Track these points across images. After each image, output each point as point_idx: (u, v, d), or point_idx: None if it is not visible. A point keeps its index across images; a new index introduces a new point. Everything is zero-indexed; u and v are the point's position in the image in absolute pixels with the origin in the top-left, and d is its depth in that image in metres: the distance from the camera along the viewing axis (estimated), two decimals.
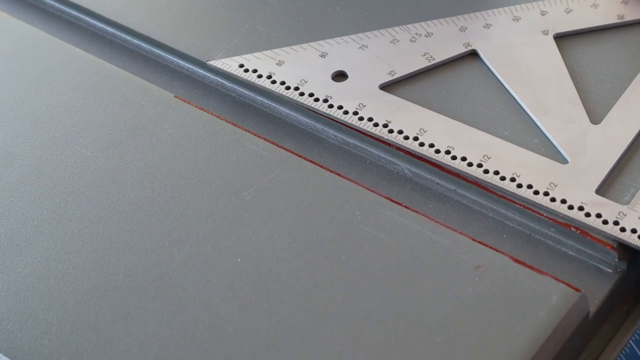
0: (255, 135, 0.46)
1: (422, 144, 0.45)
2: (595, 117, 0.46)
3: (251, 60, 0.50)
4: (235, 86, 0.49)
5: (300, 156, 0.46)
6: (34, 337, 0.40)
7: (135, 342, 0.40)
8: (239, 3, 0.53)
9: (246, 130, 0.47)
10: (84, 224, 0.44)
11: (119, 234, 0.43)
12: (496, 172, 0.44)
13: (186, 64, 0.51)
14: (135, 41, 0.52)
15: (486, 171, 0.44)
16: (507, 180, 0.44)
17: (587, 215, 0.42)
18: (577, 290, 0.40)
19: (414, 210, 0.43)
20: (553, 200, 0.43)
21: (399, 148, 0.46)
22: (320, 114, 0.47)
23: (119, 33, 0.53)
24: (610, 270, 0.42)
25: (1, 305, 0.41)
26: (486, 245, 0.41)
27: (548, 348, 0.38)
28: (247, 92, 0.49)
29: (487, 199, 0.44)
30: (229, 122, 0.47)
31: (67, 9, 0.54)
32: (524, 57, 0.49)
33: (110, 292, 0.41)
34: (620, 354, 0.42)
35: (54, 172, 0.46)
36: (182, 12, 0.53)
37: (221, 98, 0.50)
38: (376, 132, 0.46)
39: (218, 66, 0.49)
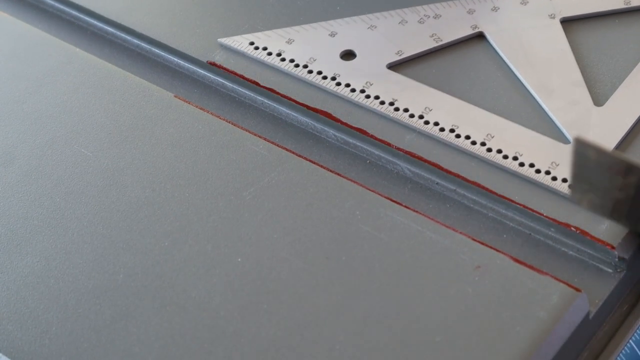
0: (255, 135, 0.46)
1: (427, 122, 0.46)
2: (598, 100, 0.47)
3: (261, 38, 0.50)
4: (235, 86, 0.50)
5: (300, 156, 0.46)
6: (34, 337, 0.40)
7: (135, 342, 0.40)
8: (239, 3, 0.53)
9: (246, 130, 0.47)
10: (84, 224, 0.44)
11: (119, 234, 0.43)
12: (499, 151, 0.45)
13: (186, 64, 0.51)
14: (135, 41, 0.52)
15: (489, 150, 0.45)
16: (510, 159, 0.45)
17: None
18: (577, 290, 0.40)
19: (414, 210, 0.43)
20: (554, 179, 0.44)
21: (399, 148, 0.46)
22: (328, 92, 0.48)
23: (119, 33, 0.53)
24: (610, 270, 0.42)
25: (1, 305, 0.41)
26: (486, 245, 0.41)
27: (548, 348, 0.38)
28: (247, 92, 0.49)
29: (487, 198, 0.44)
30: (229, 122, 0.47)
31: (67, 9, 0.54)
32: (530, 40, 0.50)
33: (110, 292, 0.41)
34: (620, 354, 0.42)
35: (54, 172, 0.46)
36: (182, 12, 0.53)
37: (221, 98, 0.50)
38: (382, 110, 0.47)
39: (229, 44, 0.50)
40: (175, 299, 0.41)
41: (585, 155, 0.38)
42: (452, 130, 0.46)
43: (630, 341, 0.42)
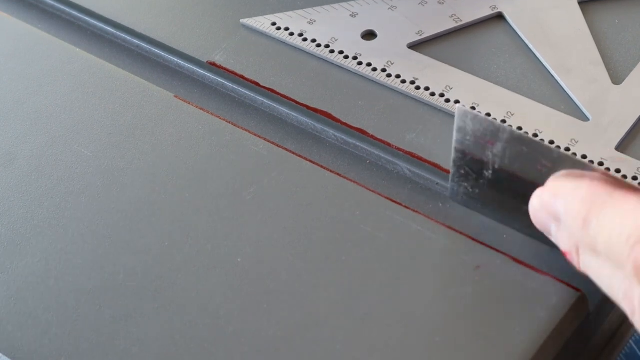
0: (255, 135, 0.46)
1: (447, 100, 0.47)
2: (616, 78, 0.48)
3: (283, 19, 0.51)
4: (235, 86, 0.50)
5: (300, 156, 0.46)
6: (34, 337, 0.40)
7: (135, 342, 0.40)
8: (239, 3, 0.53)
9: (246, 130, 0.47)
10: (84, 224, 0.44)
11: (119, 234, 0.43)
12: (519, 128, 0.46)
13: (186, 64, 0.51)
14: (135, 41, 0.52)
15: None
16: (530, 136, 0.45)
17: (607, 170, 0.44)
18: (577, 290, 0.40)
19: (414, 210, 0.43)
20: (574, 155, 0.44)
21: (399, 148, 0.46)
22: (350, 71, 0.49)
23: (119, 33, 0.53)
24: None
25: (1, 305, 0.41)
26: (486, 245, 0.41)
27: (548, 348, 0.38)
28: (247, 92, 0.49)
29: None
30: (229, 122, 0.47)
31: (67, 9, 0.54)
32: (548, 20, 0.50)
33: (110, 292, 0.41)
34: (620, 354, 0.42)
35: (54, 172, 0.46)
36: (182, 12, 0.53)
37: (221, 98, 0.50)
38: (403, 89, 0.48)
39: (251, 24, 0.51)
40: (175, 299, 0.41)
41: (464, 127, 0.39)
42: (472, 108, 0.47)
43: (630, 341, 0.42)
